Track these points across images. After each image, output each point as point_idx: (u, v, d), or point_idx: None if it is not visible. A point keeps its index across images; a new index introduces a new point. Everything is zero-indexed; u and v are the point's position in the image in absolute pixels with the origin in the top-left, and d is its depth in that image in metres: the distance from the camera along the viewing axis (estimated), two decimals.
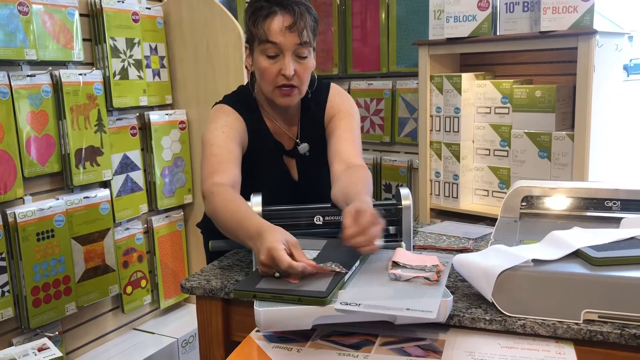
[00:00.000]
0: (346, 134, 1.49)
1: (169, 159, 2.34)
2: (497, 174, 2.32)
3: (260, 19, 1.37)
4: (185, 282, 1.26)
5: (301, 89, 1.44)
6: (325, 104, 1.55)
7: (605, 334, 0.95)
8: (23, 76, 1.82)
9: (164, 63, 2.35)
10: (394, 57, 2.73)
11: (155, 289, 2.36)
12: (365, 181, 1.34)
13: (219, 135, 1.41)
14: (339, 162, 1.44)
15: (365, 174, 1.38)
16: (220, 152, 1.38)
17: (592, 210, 1.37)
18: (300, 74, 1.41)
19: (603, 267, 1.01)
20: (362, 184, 1.30)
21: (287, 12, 1.36)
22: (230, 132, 1.43)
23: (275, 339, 1.00)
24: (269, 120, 1.53)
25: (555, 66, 2.27)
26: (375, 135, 2.82)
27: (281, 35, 1.35)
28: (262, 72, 1.41)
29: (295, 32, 1.36)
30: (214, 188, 1.30)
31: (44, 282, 1.89)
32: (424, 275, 1.04)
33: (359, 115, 1.57)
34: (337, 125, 1.51)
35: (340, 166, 1.42)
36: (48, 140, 1.91)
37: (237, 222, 1.19)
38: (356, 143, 1.49)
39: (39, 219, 1.86)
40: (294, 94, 1.43)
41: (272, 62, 1.39)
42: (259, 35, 1.37)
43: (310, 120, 1.55)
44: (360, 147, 1.51)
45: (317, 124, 1.55)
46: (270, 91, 1.43)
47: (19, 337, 1.87)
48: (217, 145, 1.39)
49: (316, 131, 1.55)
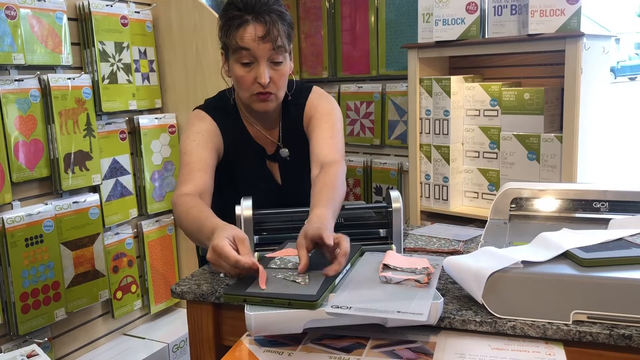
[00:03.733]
0: (322, 134, 1.48)
1: (159, 163, 2.34)
2: (486, 176, 2.33)
3: (233, 28, 1.36)
4: (175, 287, 1.26)
5: (278, 95, 1.44)
6: (304, 107, 1.54)
7: (594, 335, 0.96)
8: (11, 80, 1.81)
9: (153, 67, 2.35)
10: (384, 60, 2.74)
11: (146, 294, 2.35)
12: (329, 185, 1.31)
13: (190, 143, 1.43)
14: (315, 165, 1.43)
15: (332, 174, 1.35)
16: (190, 161, 1.40)
17: (581, 211, 1.38)
18: (275, 81, 1.40)
19: (592, 268, 1.02)
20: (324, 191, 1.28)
21: (259, 22, 1.35)
22: (202, 139, 1.44)
23: (266, 343, 1.00)
24: (249, 125, 1.53)
25: (544, 69, 2.29)
26: (366, 138, 2.82)
27: (254, 44, 1.35)
28: (238, 80, 1.41)
29: (268, 41, 1.35)
30: (178, 199, 1.33)
31: (33, 287, 1.87)
32: (414, 278, 1.05)
33: (339, 114, 1.55)
34: (315, 126, 1.50)
35: (316, 169, 1.42)
36: (36, 145, 1.90)
37: (197, 226, 1.22)
38: (334, 139, 1.48)
39: (28, 225, 1.85)
40: (271, 100, 1.43)
41: (247, 69, 1.38)
42: (232, 44, 1.37)
43: (291, 122, 1.55)
44: (340, 142, 1.49)
45: (297, 126, 1.55)
46: (247, 98, 1.43)
47: (8, 344, 1.85)
48: (187, 154, 1.41)
49: (297, 134, 1.55)
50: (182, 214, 1.29)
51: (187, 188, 1.35)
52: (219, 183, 1.44)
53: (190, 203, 1.29)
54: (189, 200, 1.31)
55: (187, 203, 1.30)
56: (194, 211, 1.26)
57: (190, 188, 1.35)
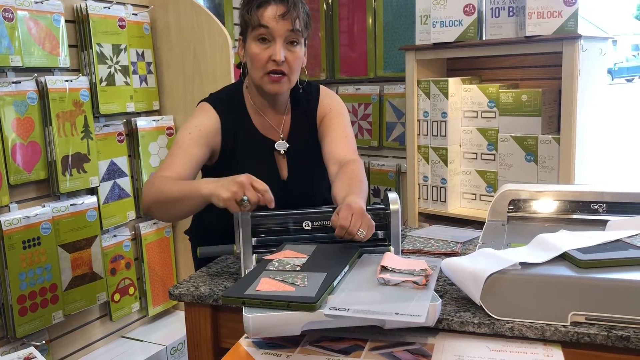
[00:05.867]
0: (338, 133, 1.54)
1: (157, 165, 2.33)
2: (484, 178, 2.33)
3: (254, 6, 1.42)
4: (173, 289, 1.25)
5: (291, 78, 1.47)
6: (317, 104, 1.59)
7: (592, 336, 0.96)
8: (8, 83, 1.81)
9: (151, 69, 2.34)
10: (381, 62, 2.75)
11: (144, 296, 2.34)
12: (355, 180, 1.37)
13: (185, 136, 1.46)
14: (333, 163, 1.49)
15: (355, 170, 1.42)
16: (178, 153, 1.43)
17: (579, 213, 1.38)
18: (290, 62, 1.44)
19: (590, 270, 1.02)
20: (352, 185, 1.34)
21: (281, 3, 1.41)
22: (198, 134, 1.46)
23: (264, 345, 1.00)
24: (257, 116, 1.55)
25: (541, 70, 2.29)
26: (364, 140, 2.82)
27: (274, 22, 1.40)
28: (253, 58, 1.44)
29: (288, 20, 1.40)
30: (156, 179, 1.37)
31: (31, 290, 1.87)
32: (412, 280, 1.05)
33: (348, 113, 1.63)
34: (330, 125, 1.55)
35: (334, 167, 1.48)
36: (34, 147, 1.89)
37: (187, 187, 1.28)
38: (348, 139, 1.55)
39: (25, 227, 1.85)
40: (284, 82, 1.46)
41: (263, 47, 1.42)
42: (252, 21, 1.42)
43: (301, 114, 1.58)
44: (354, 142, 1.57)
45: (308, 120, 1.58)
46: (260, 77, 1.46)
47: (5, 347, 1.84)
48: (178, 146, 1.45)
49: (307, 127, 1.57)
50: (164, 185, 1.33)
51: (168, 173, 1.38)
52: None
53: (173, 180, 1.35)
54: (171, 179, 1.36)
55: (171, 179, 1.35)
56: (178, 183, 1.32)
57: (171, 174, 1.38)
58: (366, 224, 1.17)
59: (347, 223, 1.15)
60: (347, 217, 1.15)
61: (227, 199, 1.16)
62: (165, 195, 1.31)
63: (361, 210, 1.18)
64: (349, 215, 1.16)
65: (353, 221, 1.15)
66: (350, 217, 1.15)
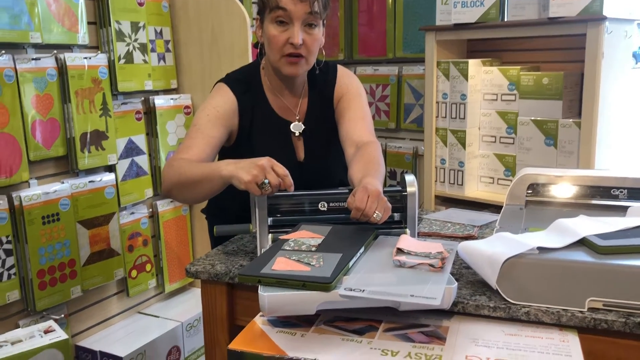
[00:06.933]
0: (356, 114, 1.53)
1: (174, 143, 2.34)
2: (502, 162, 2.31)
3: None
4: (190, 267, 1.27)
5: (308, 60, 1.46)
6: (334, 85, 1.57)
7: (609, 323, 0.95)
8: (28, 59, 1.82)
9: (169, 47, 2.34)
10: (401, 43, 2.71)
11: (160, 273, 2.37)
12: (372, 162, 1.37)
13: (203, 117, 1.46)
14: (350, 145, 1.48)
15: (372, 152, 1.41)
16: (196, 135, 1.43)
17: (599, 198, 1.36)
18: (308, 44, 1.42)
19: (609, 256, 1.01)
20: (369, 167, 1.33)
21: None
22: (215, 115, 1.46)
23: (279, 324, 1.00)
24: (273, 97, 1.54)
25: (563, 53, 2.25)
26: (381, 122, 2.80)
27: (292, 4, 1.38)
28: (271, 40, 1.43)
29: (306, 2, 1.38)
30: (176, 161, 1.36)
31: (50, 265, 1.90)
32: (428, 262, 1.04)
33: (365, 93, 1.61)
34: (347, 106, 1.54)
35: (351, 149, 1.47)
36: (53, 123, 1.91)
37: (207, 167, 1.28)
38: (366, 120, 1.53)
39: (44, 203, 1.87)
40: (301, 64, 1.45)
41: (281, 29, 1.41)
42: (270, 2, 1.40)
43: (318, 95, 1.57)
44: (371, 123, 1.56)
45: (325, 101, 1.57)
46: (277, 60, 1.44)
47: (26, 319, 1.88)
48: (196, 126, 1.44)
49: (324, 108, 1.57)
50: (183, 167, 1.32)
51: (187, 155, 1.38)
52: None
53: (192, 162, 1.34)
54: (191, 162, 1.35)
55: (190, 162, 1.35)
56: (198, 165, 1.32)
57: (190, 157, 1.38)
58: (382, 206, 1.16)
59: (363, 205, 1.14)
60: (363, 199, 1.15)
61: (248, 182, 1.16)
62: (185, 178, 1.31)
63: (377, 192, 1.17)
64: (365, 197, 1.15)
65: (369, 203, 1.15)
66: (367, 199, 1.15)
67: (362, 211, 1.14)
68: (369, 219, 1.15)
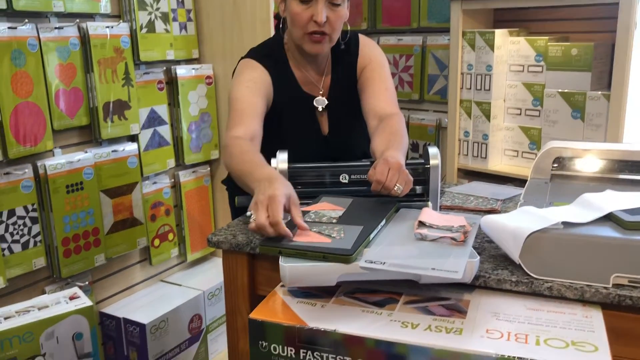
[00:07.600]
0: (379, 85, 1.50)
1: (196, 114, 2.34)
2: (527, 134, 2.27)
3: None
4: (212, 237, 1.27)
5: (332, 37, 1.44)
6: (357, 56, 1.55)
7: (634, 299, 0.94)
8: (51, 28, 1.82)
9: (191, 16, 2.33)
10: (425, 12, 2.66)
11: (182, 243, 2.40)
12: (395, 134, 1.34)
13: (242, 89, 1.43)
14: (373, 117, 1.46)
15: (395, 125, 1.38)
16: (242, 107, 1.40)
17: (627, 172, 1.33)
18: (332, 22, 1.40)
19: (636, 232, 0.99)
20: (391, 139, 1.31)
21: None
22: (254, 86, 1.44)
23: (299, 295, 1.01)
24: (298, 71, 1.52)
25: (594, 23, 2.18)
26: (404, 93, 2.77)
27: None
28: (294, 18, 1.41)
29: None
30: (230, 141, 1.33)
31: (74, 233, 1.93)
32: (450, 236, 1.03)
33: (388, 63, 1.58)
34: (370, 77, 1.52)
35: (374, 122, 1.44)
36: (76, 93, 1.92)
37: (249, 170, 1.22)
38: (389, 92, 1.51)
39: (68, 172, 1.89)
40: (325, 42, 1.43)
41: (304, 7, 1.38)
42: None
43: (341, 68, 1.55)
44: (394, 95, 1.53)
45: (348, 73, 1.55)
46: (300, 37, 1.43)
47: (52, 286, 1.92)
48: (239, 100, 1.41)
49: (347, 81, 1.55)
50: (235, 156, 1.28)
51: (238, 131, 1.35)
52: (266, 132, 1.44)
53: (245, 147, 1.30)
54: (243, 144, 1.31)
55: (242, 146, 1.30)
56: (248, 155, 1.27)
57: (242, 132, 1.35)
58: (403, 179, 1.15)
59: (384, 178, 1.13)
60: (384, 171, 1.14)
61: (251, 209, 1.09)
62: (232, 169, 1.30)
63: (399, 164, 1.16)
64: (385, 170, 1.14)
65: (390, 176, 1.13)
66: (387, 172, 1.14)
67: (383, 184, 1.13)
68: (390, 192, 1.14)
